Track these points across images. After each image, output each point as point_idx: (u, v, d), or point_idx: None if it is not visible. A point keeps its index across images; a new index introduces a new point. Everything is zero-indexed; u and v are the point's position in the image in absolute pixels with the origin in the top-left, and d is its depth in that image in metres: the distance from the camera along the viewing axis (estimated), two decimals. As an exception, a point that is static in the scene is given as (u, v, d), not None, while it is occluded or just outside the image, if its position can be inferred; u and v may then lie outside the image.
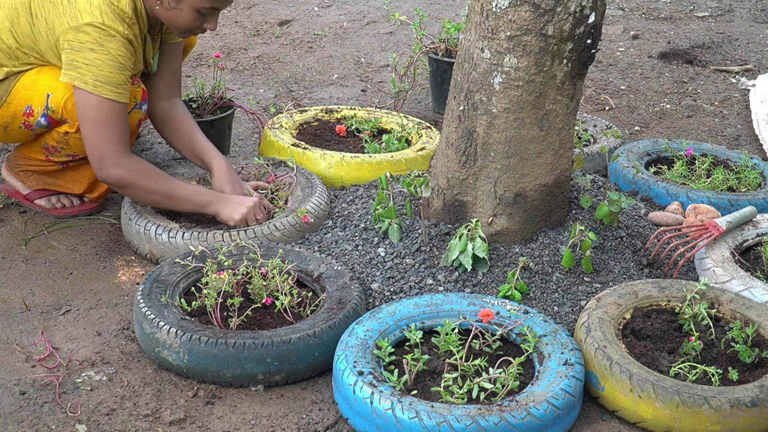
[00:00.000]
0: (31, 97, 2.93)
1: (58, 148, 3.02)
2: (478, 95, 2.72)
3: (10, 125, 2.99)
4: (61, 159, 3.07)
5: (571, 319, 2.64)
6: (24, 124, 2.97)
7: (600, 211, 2.89)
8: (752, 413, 2.21)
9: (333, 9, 5.82)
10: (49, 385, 2.39)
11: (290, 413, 2.34)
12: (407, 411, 2.12)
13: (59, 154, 3.04)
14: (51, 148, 3.03)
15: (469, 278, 2.73)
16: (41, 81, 2.93)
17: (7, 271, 2.92)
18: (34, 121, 2.95)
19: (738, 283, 2.70)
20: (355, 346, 2.34)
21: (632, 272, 2.83)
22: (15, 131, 3.01)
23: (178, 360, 2.39)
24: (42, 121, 2.94)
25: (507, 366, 2.29)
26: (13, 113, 2.96)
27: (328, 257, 2.80)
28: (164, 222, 2.93)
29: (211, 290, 2.51)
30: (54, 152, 3.04)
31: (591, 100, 4.53)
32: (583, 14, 2.60)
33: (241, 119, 4.14)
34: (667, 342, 2.49)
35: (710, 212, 3.10)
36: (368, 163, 3.34)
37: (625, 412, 2.31)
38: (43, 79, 2.93)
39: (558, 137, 2.76)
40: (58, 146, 3.01)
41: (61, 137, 2.98)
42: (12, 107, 2.96)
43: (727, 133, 4.21)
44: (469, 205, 2.85)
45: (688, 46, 5.33)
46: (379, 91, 4.58)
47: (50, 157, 3.07)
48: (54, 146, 3.02)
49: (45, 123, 2.95)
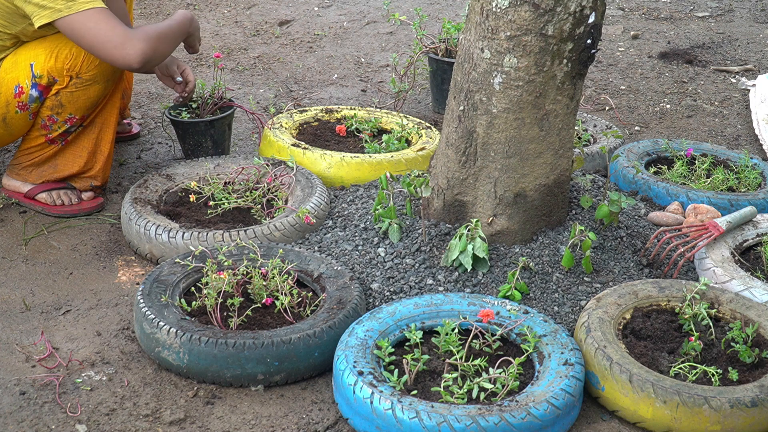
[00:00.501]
0: (15, 76, 3.01)
1: (54, 117, 3.07)
2: (478, 95, 2.72)
3: (7, 114, 3.06)
4: (59, 131, 3.11)
5: (571, 319, 2.64)
6: (19, 107, 3.03)
7: (600, 211, 2.89)
8: (752, 413, 2.21)
9: (333, 9, 5.82)
10: (49, 385, 2.39)
11: (290, 413, 2.34)
12: (407, 411, 2.12)
13: (57, 124, 3.09)
14: (48, 120, 3.08)
15: (469, 278, 2.73)
16: (20, 58, 3.02)
17: (7, 271, 2.92)
18: (26, 97, 3.01)
19: (738, 283, 2.70)
20: (355, 346, 2.34)
21: (632, 272, 2.83)
22: (13, 119, 3.07)
23: (178, 360, 2.39)
24: (33, 93, 3.01)
25: (507, 366, 2.29)
26: (5, 101, 3.03)
27: (328, 257, 2.80)
28: (164, 222, 2.94)
29: (211, 290, 2.51)
30: (52, 125, 3.09)
31: (591, 100, 4.53)
32: (583, 14, 2.60)
33: (241, 119, 4.14)
34: (667, 342, 2.49)
35: (710, 212, 3.10)
36: (368, 163, 3.34)
37: (625, 412, 2.31)
38: (21, 56, 3.02)
39: (558, 137, 2.76)
40: (53, 114, 3.07)
41: (55, 101, 3.04)
42: (3, 96, 3.03)
43: (727, 133, 4.21)
44: (469, 205, 2.85)
45: (688, 46, 5.33)
46: (379, 91, 4.58)
47: (49, 135, 3.12)
48: (50, 116, 3.07)
49: (36, 94, 3.02)
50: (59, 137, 3.14)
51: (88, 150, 3.21)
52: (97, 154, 3.24)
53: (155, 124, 4.03)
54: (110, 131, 3.23)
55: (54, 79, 3.01)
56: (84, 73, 3.03)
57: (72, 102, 3.05)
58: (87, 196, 3.27)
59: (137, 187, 3.14)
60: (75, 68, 3.01)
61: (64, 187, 3.24)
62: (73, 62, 3.01)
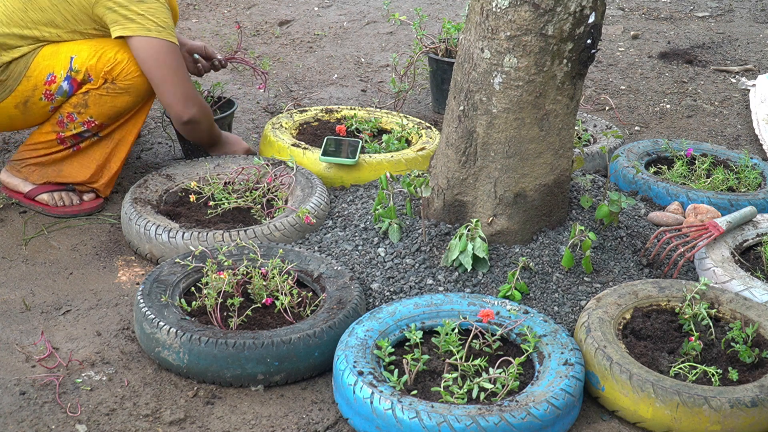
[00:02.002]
0: (52, 65, 3.03)
1: (74, 116, 3.07)
2: (478, 95, 2.72)
3: (31, 99, 3.06)
4: (73, 132, 3.10)
5: (571, 319, 2.64)
6: (45, 94, 3.03)
7: (600, 211, 2.89)
8: (752, 413, 2.21)
9: (333, 9, 5.82)
10: (49, 385, 2.39)
11: (290, 413, 2.34)
12: (407, 411, 2.12)
13: (74, 124, 3.09)
14: (66, 117, 3.08)
15: (469, 278, 2.73)
16: (62, 49, 3.04)
17: (7, 271, 2.92)
18: (56, 87, 3.03)
19: (738, 283, 2.70)
20: (355, 346, 2.34)
21: (632, 272, 2.83)
22: (34, 106, 3.07)
23: (178, 360, 2.39)
24: (64, 85, 3.03)
25: (507, 366, 2.29)
26: (33, 85, 3.04)
27: (328, 257, 2.80)
28: (164, 222, 2.94)
29: (211, 290, 2.51)
30: (69, 122, 3.09)
31: (591, 100, 4.53)
32: (583, 14, 2.60)
33: (241, 119, 4.14)
34: (667, 342, 2.49)
35: (710, 212, 3.10)
36: (368, 163, 3.34)
37: (625, 412, 2.31)
38: (64, 48, 3.04)
39: (558, 137, 2.76)
40: (74, 112, 3.06)
41: (81, 99, 3.05)
42: (32, 80, 3.03)
43: (727, 133, 4.21)
44: (469, 205, 2.85)
45: (688, 46, 5.33)
46: (379, 91, 4.58)
47: (62, 134, 3.11)
48: (70, 114, 3.07)
49: (67, 87, 3.03)
50: (71, 138, 3.12)
51: (97, 162, 3.19)
52: (105, 170, 3.22)
53: (155, 124, 4.03)
54: (125, 149, 3.22)
55: (89, 77, 3.02)
56: (120, 81, 3.04)
57: (97, 105, 3.05)
58: (87, 197, 3.27)
59: (137, 187, 3.14)
60: (113, 73, 3.03)
61: (65, 189, 3.24)
62: (114, 67, 3.02)
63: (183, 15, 5.55)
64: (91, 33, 3.07)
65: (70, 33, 3.05)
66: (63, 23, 3.02)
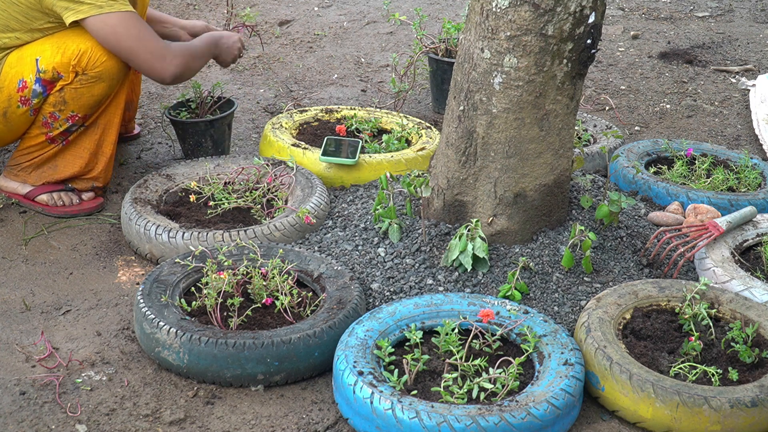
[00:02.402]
0: (20, 71, 3.01)
1: (56, 114, 3.06)
2: (478, 95, 2.72)
3: (9, 109, 3.05)
4: (60, 129, 3.10)
5: (571, 319, 2.64)
6: (21, 101, 3.02)
7: (600, 211, 2.89)
8: (752, 413, 2.21)
9: (333, 9, 5.82)
10: (49, 385, 2.39)
11: (290, 413, 2.34)
12: (407, 411, 2.12)
13: (58, 122, 3.08)
14: (50, 118, 3.07)
15: (469, 278, 2.73)
16: (25, 53, 3.02)
17: (7, 271, 2.92)
18: (29, 92, 3.01)
19: (738, 283, 2.70)
20: (355, 346, 2.34)
21: (632, 272, 2.83)
22: (14, 114, 3.06)
23: (178, 360, 2.39)
24: (37, 88, 3.01)
25: (507, 366, 2.29)
26: (8, 95, 3.03)
27: (328, 257, 2.80)
28: (164, 222, 2.94)
29: (211, 290, 2.51)
30: (53, 122, 3.08)
31: (591, 100, 4.53)
32: (583, 14, 2.60)
33: (241, 119, 4.14)
34: (667, 342, 2.49)
35: (710, 212, 3.10)
36: (368, 163, 3.34)
37: (625, 412, 2.31)
38: (27, 51, 3.02)
39: (558, 137, 2.76)
40: (55, 111, 3.05)
41: (58, 97, 3.03)
42: (5, 90, 3.02)
43: (727, 133, 4.21)
44: (469, 205, 2.85)
45: (688, 46, 5.33)
46: (379, 91, 4.58)
47: (50, 134, 3.11)
48: (52, 113, 3.06)
49: (40, 89, 3.01)
50: (60, 136, 3.12)
51: (89, 151, 3.19)
52: (99, 155, 3.22)
53: (155, 124, 4.03)
54: (113, 132, 3.22)
55: (59, 74, 3.00)
56: (90, 70, 3.02)
57: (75, 99, 3.04)
58: (87, 197, 3.27)
59: (137, 187, 3.14)
60: (81, 64, 3.00)
61: (64, 189, 3.23)
62: (80, 58, 2.99)
63: (183, 15, 5.55)
64: (48, 28, 3.02)
65: (29, 33, 3.02)
66: (18, 25, 3.00)
